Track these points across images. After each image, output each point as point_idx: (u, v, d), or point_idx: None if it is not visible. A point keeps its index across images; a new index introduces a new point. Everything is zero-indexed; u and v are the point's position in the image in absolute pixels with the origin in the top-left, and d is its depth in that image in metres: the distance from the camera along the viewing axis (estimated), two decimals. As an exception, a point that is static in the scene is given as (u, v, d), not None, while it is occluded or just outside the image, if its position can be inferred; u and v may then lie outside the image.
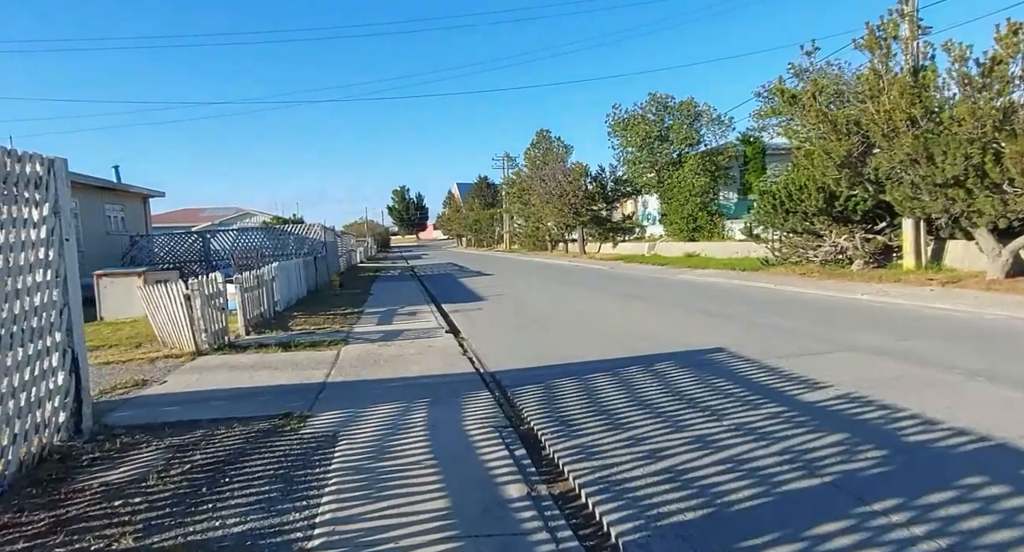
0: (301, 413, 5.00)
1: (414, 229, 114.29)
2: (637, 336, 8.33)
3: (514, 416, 4.91)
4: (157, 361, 7.38)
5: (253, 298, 10.16)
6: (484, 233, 64.81)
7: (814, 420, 4.18)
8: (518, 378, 6.16)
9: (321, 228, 21.02)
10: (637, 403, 4.96)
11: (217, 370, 6.83)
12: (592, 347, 7.63)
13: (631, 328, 9.08)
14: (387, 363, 7.09)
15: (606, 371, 6.15)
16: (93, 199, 17.60)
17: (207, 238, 20.01)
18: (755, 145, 30.71)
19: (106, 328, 10.31)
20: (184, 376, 6.55)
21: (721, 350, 6.84)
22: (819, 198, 13.37)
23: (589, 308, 11.86)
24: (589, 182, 33.19)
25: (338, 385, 6.08)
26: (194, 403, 5.42)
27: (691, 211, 25.48)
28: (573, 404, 5.07)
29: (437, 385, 5.94)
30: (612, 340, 8.09)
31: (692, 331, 8.51)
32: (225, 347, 8.12)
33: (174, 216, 50.31)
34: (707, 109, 31.63)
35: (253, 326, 9.77)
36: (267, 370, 6.80)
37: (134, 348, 8.43)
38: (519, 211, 44.67)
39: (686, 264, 21.49)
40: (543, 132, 36.36)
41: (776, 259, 16.44)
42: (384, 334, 9.25)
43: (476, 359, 7.38)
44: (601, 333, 8.74)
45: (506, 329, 9.71)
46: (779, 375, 5.54)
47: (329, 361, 7.26)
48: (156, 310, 8.29)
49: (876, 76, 10.32)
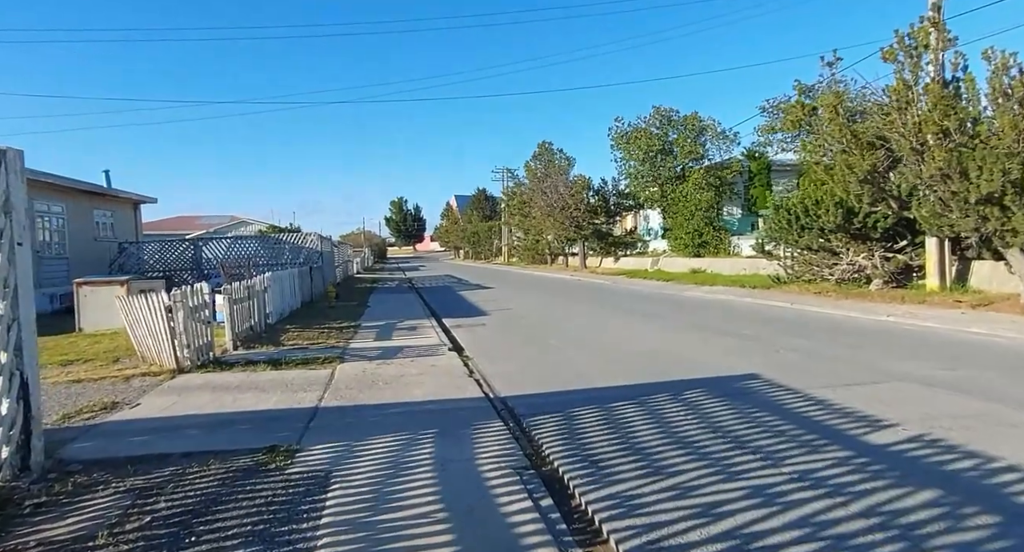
0: (289, 446, 4.36)
1: (411, 240, 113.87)
2: (656, 357, 7.72)
3: (534, 454, 4.27)
4: (133, 379, 6.72)
5: (243, 310, 9.52)
6: (482, 246, 64.29)
7: (892, 470, 3.56)
8: (533, 405, 5.53)
9: (317, 237, 20.42)
10: (674, 440, 4.33)
11: (198, 391, 6.17)
12: (609, 369, 7.01)
13: (647, 348, 8.47)
14: (387, 385, 6.45)
15: (631, 399, 5.52)
16: (81, 204, 16.97)
17: (199, 246, 19.37)
18: (760, 160, 30.37)
19: (84, 340, 9.63)
20: (160, 398, 5.89)
21: (755, 377, 6.23)
22: (837, 214, 12.85)
23: (598, 325, 11.25)
24: (592, 195, 32.72)
25: (332, 411, 5.43)
26: (167, 432, 4.76)
27: (696, 226, 25.00)
28: (600, 440, 4.44)
29: (443, 412, 5.30)
30: (629, 361, 7.47)
31: (715, 353, 7.90)
32: (210, 364, 7.47)
33: (169, 223, 49.64)
34: (711, 123, 31.36)
35: (242, 340, 9.12)
36: (253, 391, 6.15)
37: (111, 363, 7.76)
38: (519, 224, 44.16)
39: (692, 280, 20.93)
40: (545, 144, 36.00)
41: (788, 276, 15.88)
42: (383, 351, 8.61)
43: (484, 381, 6.75)
44: (616, 353, 8.12)
45: (513, 347, 9.09)
46: (830, 409, 4.92)
47: (323, 382, 6.62)
48: (135, 323, 7.64)
49: (905, 86, 9.86)
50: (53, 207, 15.50)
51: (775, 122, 31.14)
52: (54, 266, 15.21)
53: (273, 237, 20.95)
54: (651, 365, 7.22)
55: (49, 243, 15.37)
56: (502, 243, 56.37)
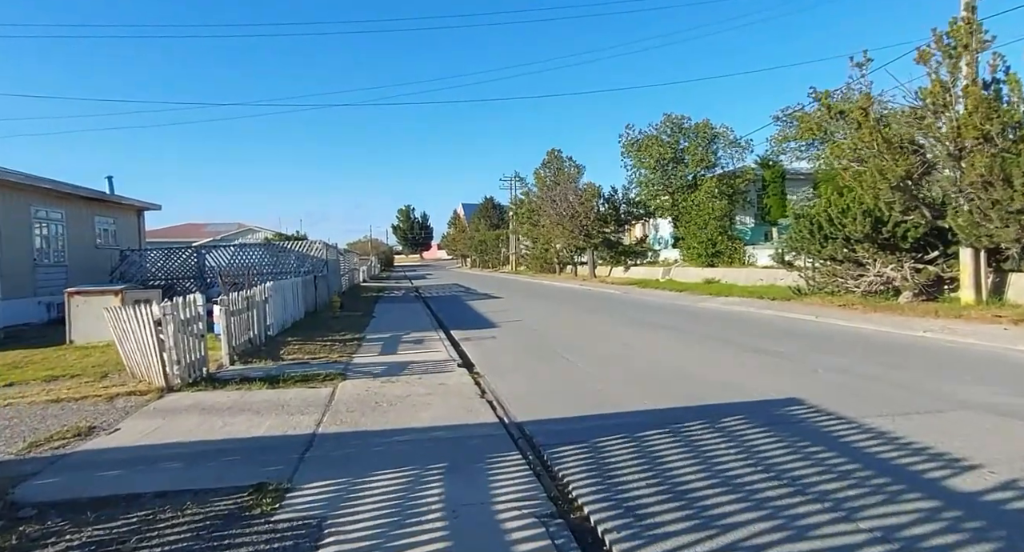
0: (279, 484, 3.82)
1: (418, 249, 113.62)
2: (681, 376, 7.14)
3: (560, 496, 3.71)
4: (118, 399, 6.21)
5: (241, 322, 9.02)
6: (489, 254, 63.83)
7: (996, 528, 2.98)
8: (554, 433, 4.97)
9: (323, 245, 19.95)
10: (720, 482, 3.76)
11: (186, 413, 5.65)
12: (633, 390, 6.43)
13: (670, 365, 7.88)
14: (391, 407, 5.91)
15: (662, 428, 4.95)
16: (81, 210, 16.61)
17: (202, 254, 18.93)
18: (774, 169, 29.81)
19: (74, 353, 9.15)
20: (143, 421, 5.37)
21: (797, 402, 5.64)
22: (865, 223, 12.25)
23: (615, 339, 10.67)
24: (602, 203, 32.20)
25: (330, 438, 4.89)
26: (144, 464, 4.23)
27: (710, 235, 24.38)
28: (634, 479, 3.87)
29: (454, 441, 4.75)
30: (653, 381, 6.89)
31: (744, 372, 7.31)
32: (202, 381, 6.95)
33: (176, 231, 49.53)
34: (724, 131, 30.88)
35: (239, 354, 8.61)
36: (246, 414, 5.62)
37: (98, 380, 7.26)
38: (527, 232, 43.69)
39: (706, 291, 20.31)
40: (554, 152, 35.57)
41: (810, 288, 15.26)
42: (388, 367, 8.08)
43: (497, 403, 6.19)
44: (638, 371, 7.54)
45: (526, 364, 8.52)
46: (895, 444, 4.33)
47: (322, 402, 6.09)
48: (124, 336, 7.14)
49: (942, 88, 9.31)
50: (51, 213, 15.12)
51: (789, 131, 30.66)
52: (52, 274, 14.81)
53: (278, 245, 20.51)
54: (678, 385, 6.64)
55: (46, 250, 14.98)
56: (510, 252, 55.91)
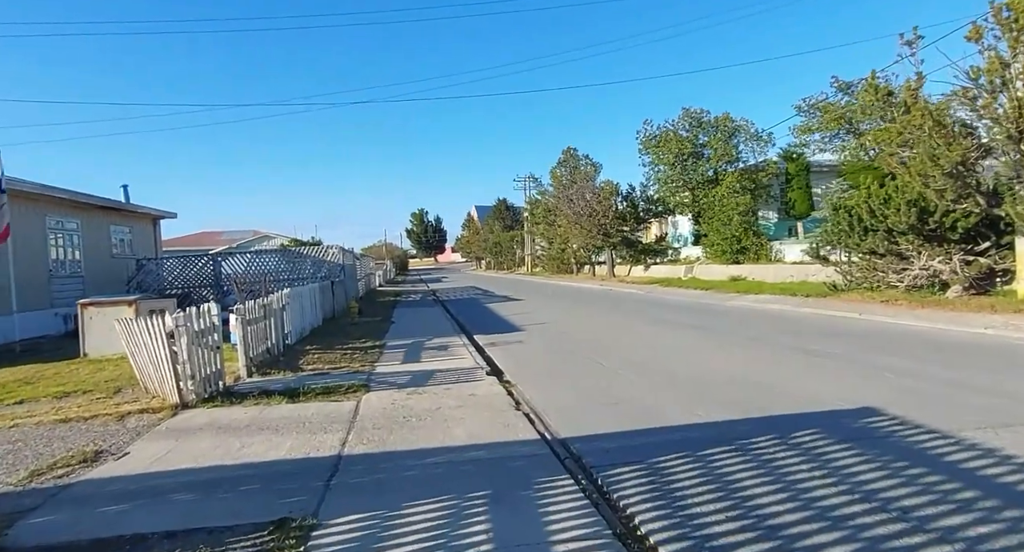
0: (302, 520, 3.35)
1: (432, 252, 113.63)
2: (733, 383, 6.57)
3: (627, 533, 3.19)
4: (128, 418, 5.80)
5: (258, 332, 8.61)
6: (504, 256, 63.39)
7: None
8: (605, 452, 4.45)
9: (339, 250, 19.62)
10: (816, 515, 3.20)
11: (200, 433, 5.22)
12: (683, 400, 5.89)
13: (717, 370, 7.31)
14: (421, 422, 5.43)
15: (727, 444, 4.41)
16: (96, 219, 16.42)
17: (218, 261, 18.69)
18: (798, 161, 28.96)
19: (87, 367, 8.82)
20: (154, 444, 4.94)
21: (875, 412, 5.05)
22: (910, 214, 11.54)
23: (650, 341, 10.11)
24: (620, 201, 31.56)
25: (357, 461, 4.42)
26: (152, 497, 3.79)
27: (734, 231, 23.64)
28: (711, 510, 3.34)
29: (494, 463, 4.26)
30: (703, 389, 6.34)
31: (801, 377, 6.72)
32: (218, 396, 6.53)
33: (192, 239, 49.81)
34: (744, 124, 30.07)
35: (257, 365, 8.20)
36: (265, 434, 5.18)
37: (110, 396, 6.89)
38: (543, 233, 43.14)
39: (733, 289, 19.61)
40: (570, 150, 34.99)
41: (847, 284, 14.54)
42: (412, 376, 7.61)
43: (535, 415, 5.68)
44: (683, 377, 6.98)
45: (559, 370, 8.01)
46: (1015, 466, 3.73)
47: (346, 418, 5.63)
48: (136, 349, 6.76)
49: (1001, 64, 8.62)
50: (67, 223, 14.93)
51: (812, 122, 29.78)
52: (68, 285, 14.61)
53: (294, 251, 20.25)
54: (731, 393, 6.08)
55: (63, 261, 14.79)
56: (525, 253, 55.39)
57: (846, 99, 28.62)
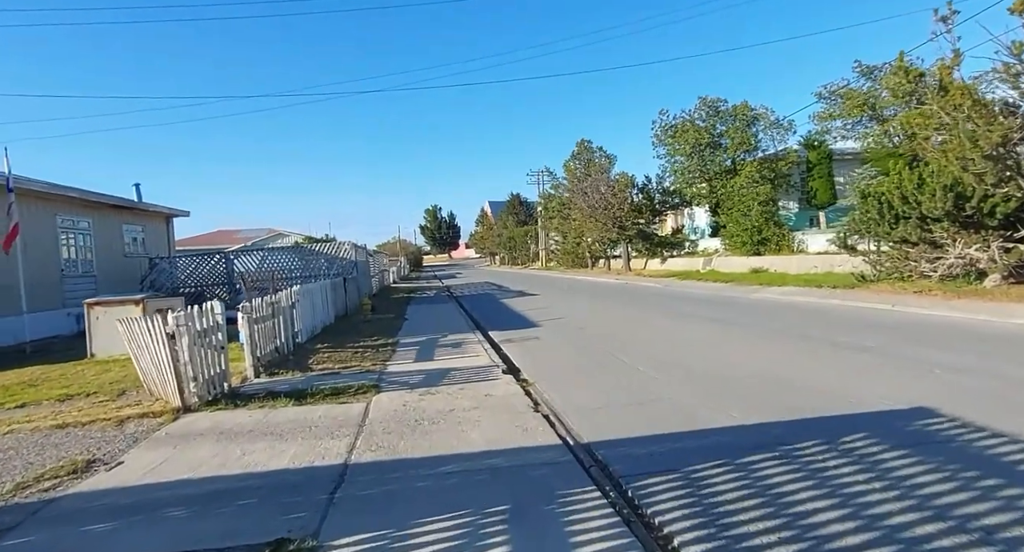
0: (302, 540, 3.02)
1: (446, 248, 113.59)
2: (766, 381, 6.14)
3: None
4: (128, 423, 5.54)
5: (266, 330, 8.34)
6: (518, 251, 63.00)
7: None
8: (633, 459, 4.08)
9: (352, 246, 19.38)
10: (883, 536, 2.80)
11: (201, 440, 4.93)
12: (714, 399, 5.48)
13: (748, 367, 6.88)
14: (433, 426, 5.09)
15: (769, 450, 4.01)
16: (108, 218, 16.33)
17: (230, 259, 18.55)
18: (819, 150, 28.19)
19: (93, 369, 8.62)
20: (151, 452, 4.66)
21: (930, 413, 4.61)
22: (946, 199, 10.95)
23: (672, 337, 9.68)
24: (635, 193, 30.99)
25: (365, 470, 4.09)
26: (143, 513, 3.49)
27: (755, 222, 23.01)
28: (761, 532, 2.95)
29: (514, 472, 3.90)
30: (735, 387, 5.92)
31: (841, 374, 6.27)
32: (222, 398, 6.25)
33: (208, 238, 50.02)
34: (764, 112, 29.33)
35: (264, 366, 7.93)
36: (268, 439, 4.87)
37: (113, 399, 6.65)
38: (557, 227, 42.67)
39: (755, 281, 19.04)
40: (584, 142, 34.46)
41: (876, 274, 13.95)
42: (426, 375, 7.29)
43: (556, 418, 5.31)
44: (712, 375, 6.57)
45: (578, 368, 7.63)
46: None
47: (354, 421, 5.31)
48: (139, 351, 6.50)
49: (1051, 37, 8.05)
50: (79, 222, 14.84)
51: (833, 109, 28.98)
52: (80, 284, 14.52)
53: (307, 248, 20.05)
54: (766, 392, 5.66)
55: (74, 260, 14.70)
56: (539, 247, 54.95)
57: (869, 84, 27.80)
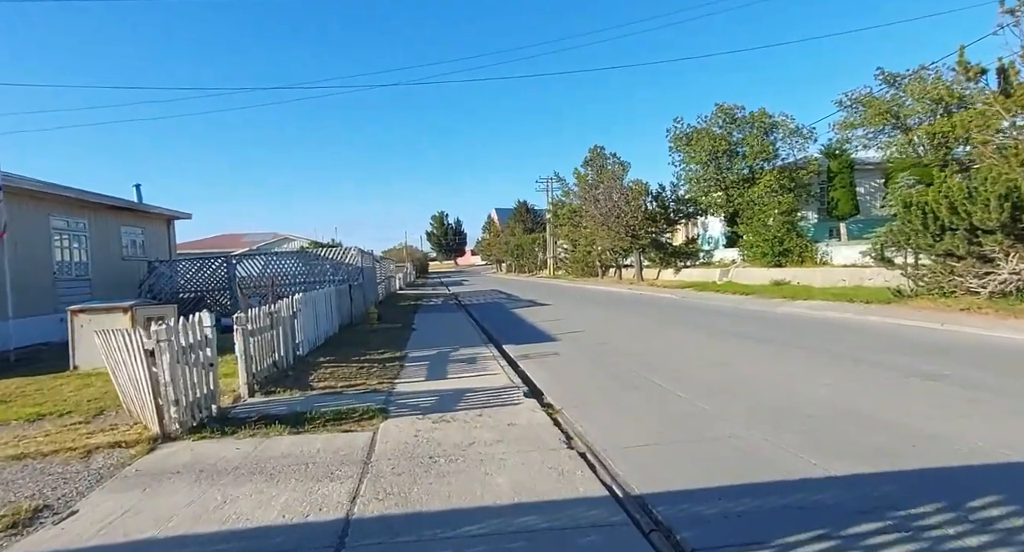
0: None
1: (452, 254, 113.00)
2: (839, 416, 5.31)
3: None
4: (96, 454, 4.77)
5: (263, 343, 7.58)
6: (525, 258, 62.22)
7: None
8: (706, 524, 3.26)
9: (358, 252, 18.66)
10: None
11: (177, 480, 4.14)
12: (783, 438, 4.65)
13: (808, 396, 6.05)
14: (451, 464, 4.30)
15: (877, 517, 3.19)
16: (106, 220, 15.67)
17: (232, 264, 17.85)
18: (841, 159, 27.31)
19: (72, 383, 7.85)
20: (115, 496, 3.87)
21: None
22: (1002, 210, 10.11)
23: (706, 355, 8.85)
24: (649, 201, 30.20)
25: (371, 529, 3.30)
26: (84, 593, 2.70)
27: (776, 232, 22.14)
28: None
29: (554, 539, 3.11)
30: (805, 424, 5.09)
31: (921, 408, 5.43)
32: (209, 423, 5.47)
33: (213, 242, 49.54)
34: (783, 120, 28.51)
35: (260, 383, 7.16)
36: (256, 480, 4.08)
37: (88, 420, 5.90)
38: (567, 234, 41.88)
39: (778, 294, 18.17)
40: (597, 148, 33.70)
41: (916, 289, 13.08)
42: (438, 398, 6.50)
43: (595, 457, 4.50)
44: (771, 406, 5.74)
45: (609, 391, 6.81)
46: None
47: (359, 457, 4.53)
48: (116, 367, 5.75)
49: None
50: (73, 223, 14.17)
51: (854, 117, 28.15)
52: (74, 288, 13.84)
53: (312, 253, 19.36)
54: (842, 431, 4.83)
55: (67, 263, 14.02)
56: (547, 255, 54.16)
57: (892, 92, 26.97)
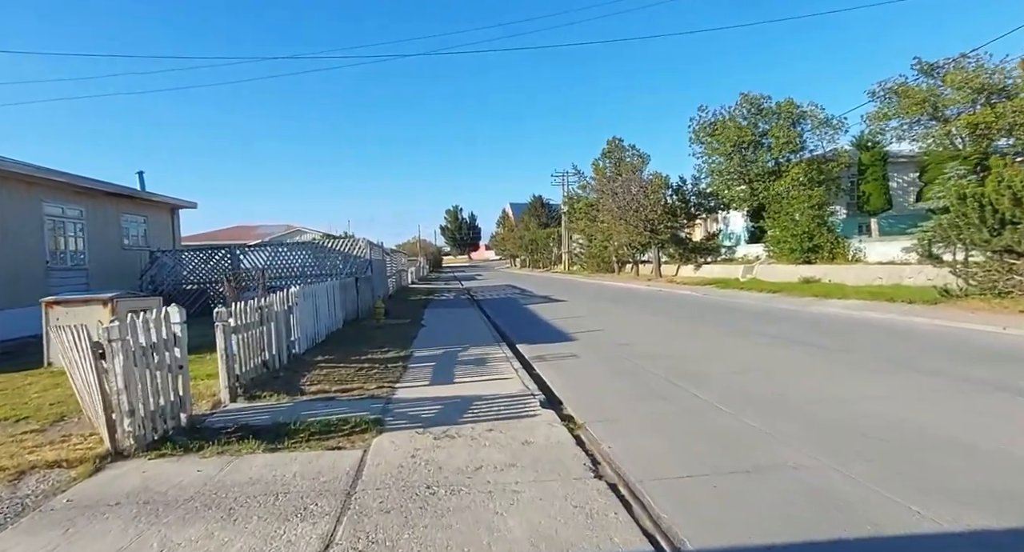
0: None
1: (466, 249, 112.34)
2: (926, 441, 4.39)
3: None
4: (31, 475, 4.01)
5: (251, 341, 6.80)
6: (540, 253, 61.26)
7: None
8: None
9: (367, 244, 17.90)
10: None
11: (111, 516, 3.35)
12: (860, 466, 3.76)
13: (879, 413, 5.12)
14: (453, 497, 3.48)
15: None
16: (104, 207, 15.06)
17: (236, 255, 17.18)
18: (873, 151, 26.01)
19: (41, 382, 7.12)
20: (23, 541, 3.08)
21: None
22: (1076, 201, 9.05)
23: (741, 360, 7.91)
24: (670, 195, 29.11)
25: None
26: None
27: (806, 227, 21.00)
28: None
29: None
30: (883, 449, 4.18)
31: (1022, 430, 4.50)
32: (175, 437, 4.70)
33: (227, 233, 49.22)
34: (812, 110, 27.22)
35: (246, 386, 6.39)
36: (211, 517, 3.29)
37: (44, 428, 5.17)
38: (583, 229, 40.87)
39: (808, 292, 17.09)
40: (615, 140, 32.65)
41: (968, 288, 12.00)
42: (443, 407, 5.68)
43: (630, 491, 3.65)
44: (835, 424, 4.83)
45: (637, 401, 5.94)
46: None
47: (341, 487, 3.72)
48: (71, 367, 4.99)
49: None
50: (68, 210, 13.56)
51: (888, 108, 26.85)
52: (69, 278, 13.24)
53: (319, 244, 18.63)
54: (938, 464, 3.92)
55: (63, 252, 13.42)
56: (561, 250, 53.18)
57: (930, 82, 25.63)
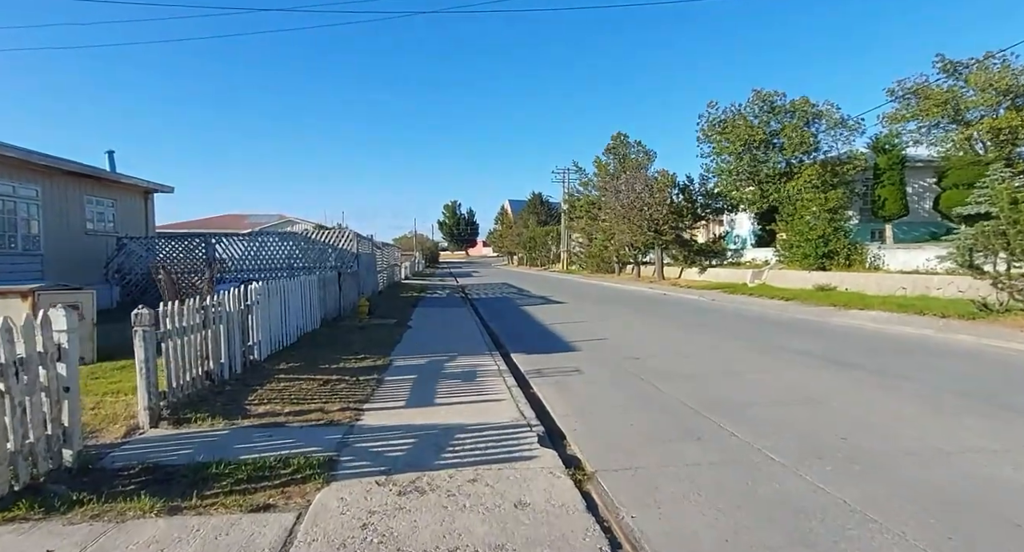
0: None
1: (464, 245, 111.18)
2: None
3: None
4: None
5: (187, 348, 5.58)
6: (538, 251, 60.12)
7: None
8: None
9: (354, 236, 16.70)
10: None
11: None
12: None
13: (969, 471, 3.96)
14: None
15: None
16: (65, 188, 13.78)
17: (211, 244, 15.94)
18: (891, 154, 24.85)
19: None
20: None
21: None
22: None
23: (780, 385, 6.73)
24: (676, 194, 27.92)
25: None
26: None
27: (822, 232, 19.83)
28: None
29: None
30: (1001, 534, 3.01)
31: None
32: (46, 485, 3.49)
33: (218, 221, 47.85)
34: (827, 110, 26.03)
35: (175, 405, 5.17)
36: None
37: None
38: (584, 227, 39.67)
39: (824, 301, 15.94)
40: (620, 135, 31.41)
41: (1012, 303, 10.86)
42: (416, 441, 4.49)
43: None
44: (918, 486, 3.66)
45: (660, 438, 4.74)
46: None
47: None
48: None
49: None
50: (21, 190, 12.29)
51: (906, 110, 25.72)
52: (19, 265, 11.99)
53: (303, 236, 17.44)
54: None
55: (13, 236, 12.14)
56: (560, 249, 52.02)
57: (952, 83, 24.51)
